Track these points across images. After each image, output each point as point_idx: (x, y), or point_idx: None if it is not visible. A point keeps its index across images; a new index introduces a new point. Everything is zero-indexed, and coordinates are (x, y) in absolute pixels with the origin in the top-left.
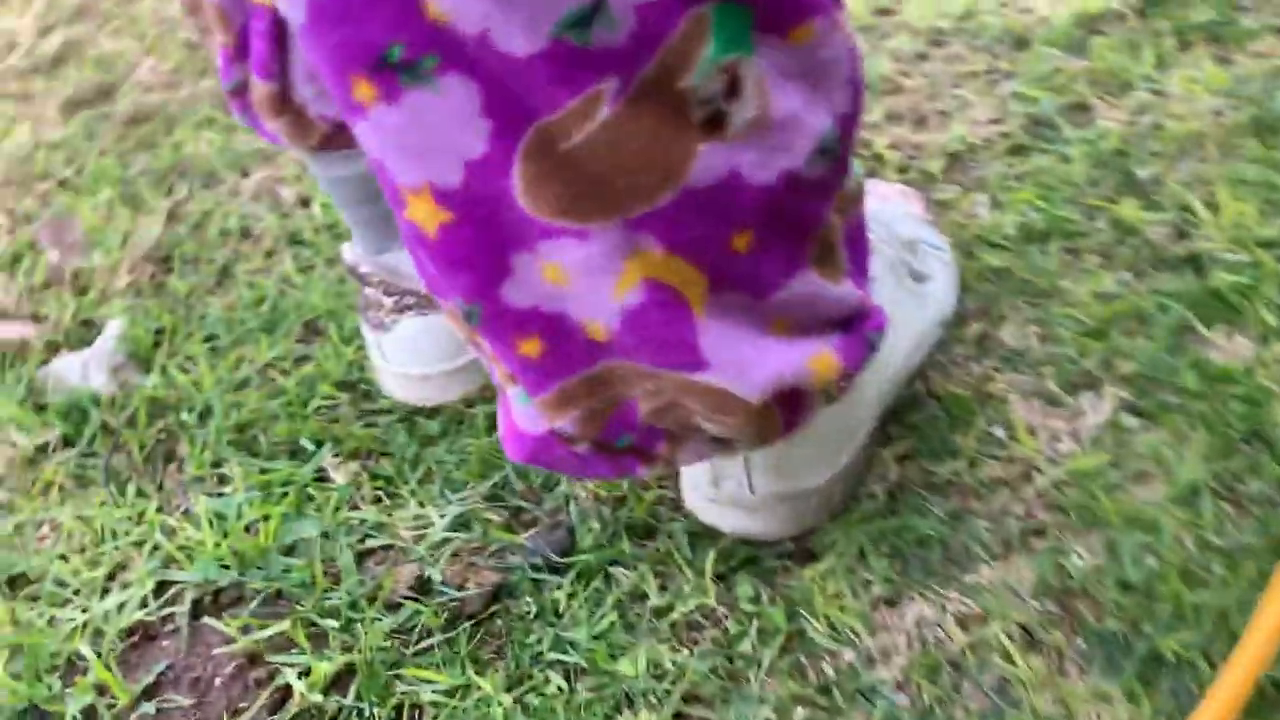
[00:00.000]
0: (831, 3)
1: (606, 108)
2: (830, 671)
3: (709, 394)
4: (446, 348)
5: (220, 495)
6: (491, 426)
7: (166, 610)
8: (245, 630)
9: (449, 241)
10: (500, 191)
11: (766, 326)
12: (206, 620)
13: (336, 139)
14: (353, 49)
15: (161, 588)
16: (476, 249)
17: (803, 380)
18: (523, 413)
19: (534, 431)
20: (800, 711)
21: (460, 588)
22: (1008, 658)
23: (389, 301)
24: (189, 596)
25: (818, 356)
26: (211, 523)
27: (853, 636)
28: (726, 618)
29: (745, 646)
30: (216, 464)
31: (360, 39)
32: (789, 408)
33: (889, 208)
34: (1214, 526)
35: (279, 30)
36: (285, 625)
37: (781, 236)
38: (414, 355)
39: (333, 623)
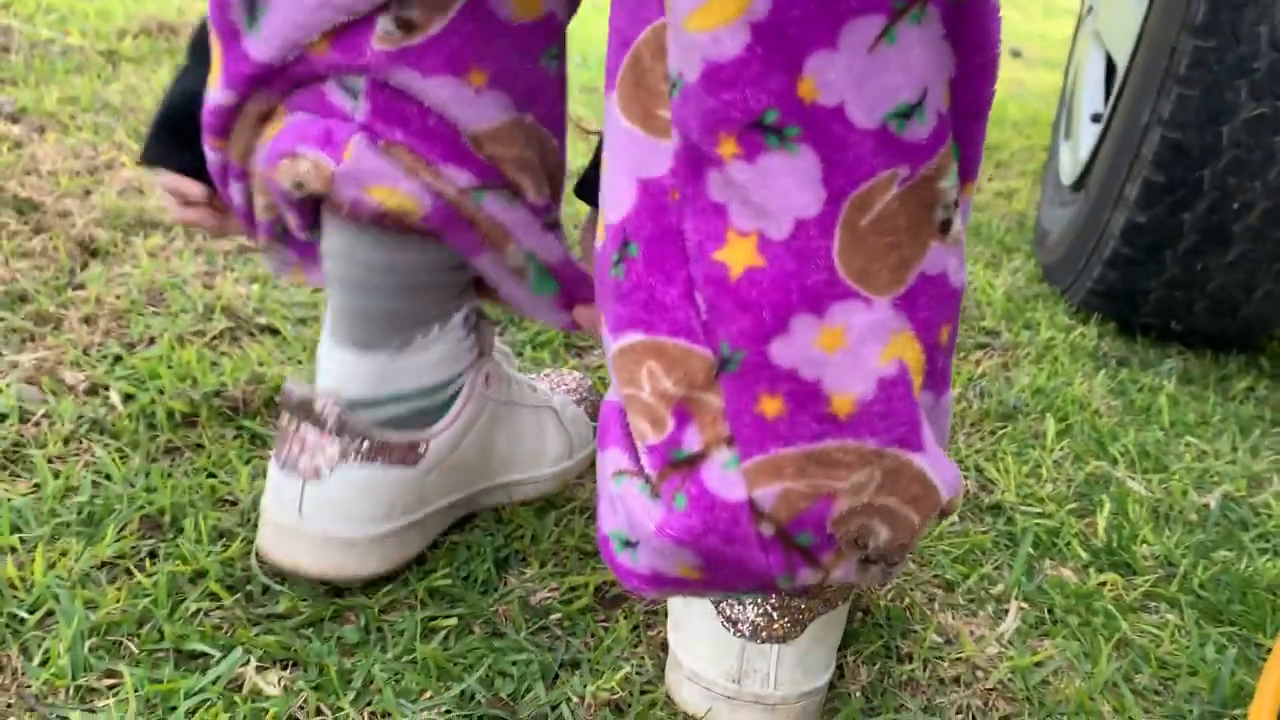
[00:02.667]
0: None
1: (895, 188)
2: None
3: (914, 482)
4: (383, 506)
5: (93, 711)
6: (427, 632)
7: None
8: None
9: (750, 284)
10: (818, 250)
11: (934, 433)
12: None
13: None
14: (734, 110)
15: None
16: (768, 298)
17: (957, 495)
18: (722, 478)
19: (729, 498)
20: None
21: None
22: None
23: (334, 445)
24: None
25: (961, 480)
26: None
27: None
28: None
29: None
30: (78, 673)
31: (743, 103)
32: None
33: None
34: (1138, 710)
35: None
36: None
37: (953, 343)
38: (346, 512)
39: None
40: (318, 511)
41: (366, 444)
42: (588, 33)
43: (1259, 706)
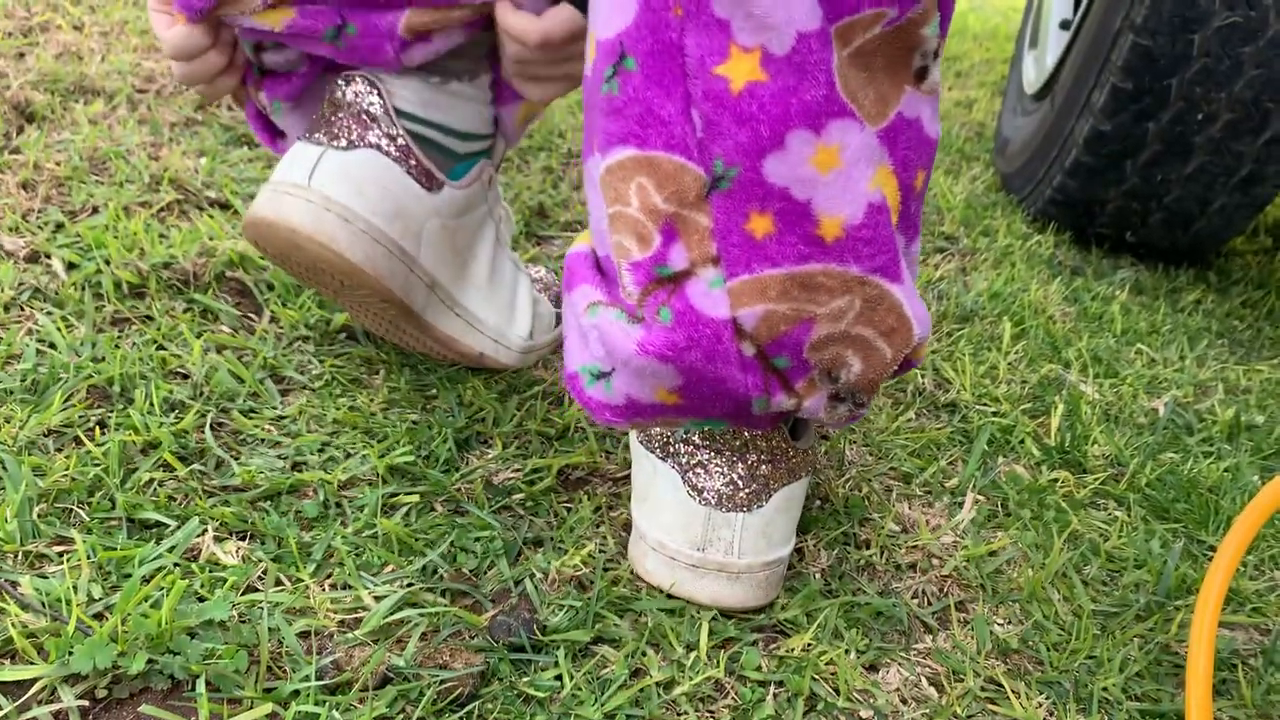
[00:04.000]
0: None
1: (879, 28)
2: None
3: (890, 313)
4: (391, 204)
5: (45, 576)
6: (387, 508)
7: (34, 711)
8: None
9: (749, 98)
10: (819, 63)
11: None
12: (114, 714)
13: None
14: None
15: (10, 685)
16: (767, 112)
17: (924, 342)
18: (707, 295)
19: (713, 315)
20: None
21: (441, 671)
22: (1005, 703)
23: (370, 130)
24: (71, 690)
25: (930, 323)
26: (59, 604)
27: (860, 698)
28: (734, 688)
29: (768, 712)
30: (27, 538)
31: None
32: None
33: None
34: (1086, 599)
35: None
36: (257, 714)
37: (924, 193)
38: (358, 186)
39: (309, 708)
40: (329, 177)
41: (400, 141)
42: None
43: (1204, 600)
